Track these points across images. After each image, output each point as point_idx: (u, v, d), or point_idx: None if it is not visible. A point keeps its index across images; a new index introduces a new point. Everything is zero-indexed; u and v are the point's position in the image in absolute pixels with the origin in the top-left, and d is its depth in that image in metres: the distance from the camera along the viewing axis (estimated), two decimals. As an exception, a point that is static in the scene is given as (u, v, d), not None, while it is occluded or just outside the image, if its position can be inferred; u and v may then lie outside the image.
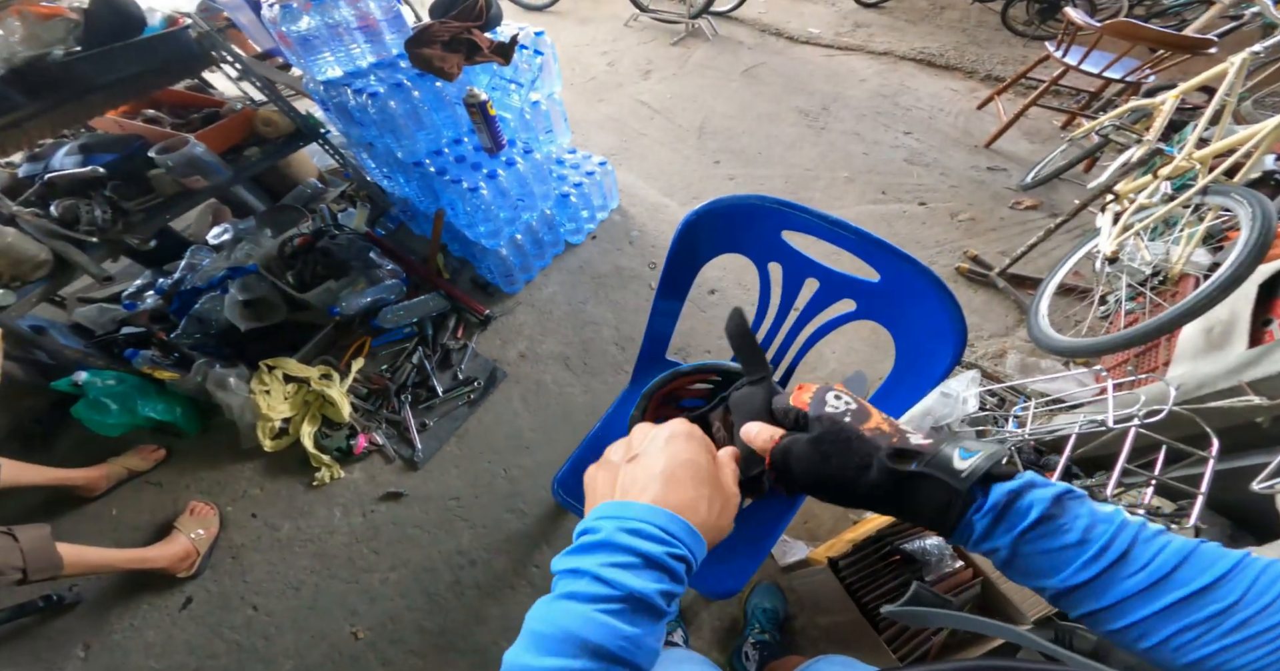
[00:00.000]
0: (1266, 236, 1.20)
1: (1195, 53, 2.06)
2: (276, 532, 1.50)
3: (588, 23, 4.27)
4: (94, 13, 1.38)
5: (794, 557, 1.39)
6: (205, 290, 1.74)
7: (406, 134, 1.63)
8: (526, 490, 1.55)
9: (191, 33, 1.56)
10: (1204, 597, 0.30)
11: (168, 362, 1.60)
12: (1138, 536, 0.32)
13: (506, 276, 1.94)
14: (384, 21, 1.60)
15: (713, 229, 0.92)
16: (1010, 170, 2.67)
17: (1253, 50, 1.56)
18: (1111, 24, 2.12)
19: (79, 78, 1.40)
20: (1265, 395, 1.06)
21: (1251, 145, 1.44)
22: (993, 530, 0.34)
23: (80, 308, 1.80)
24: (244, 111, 1.80)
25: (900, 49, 3.82)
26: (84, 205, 1.46)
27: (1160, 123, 1.70)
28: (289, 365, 1.66)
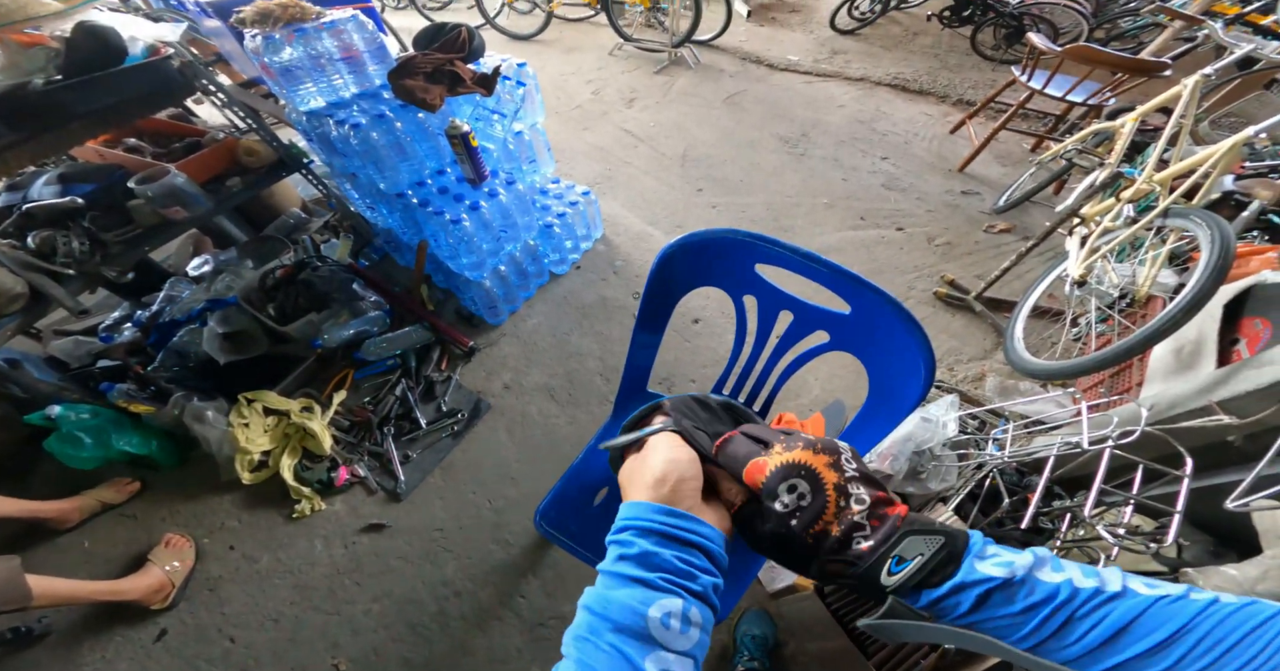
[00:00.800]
0: (1225, 258, 1.24)
1: (1151, 75, 2.13)
2: (255, 564, 1.47)
3: (573, 52, 4.37)
4: (75, 42, 1.38)
5: (782, 583, 1.38)
6: (184, 322, 1.72)
7: (389, 165, 1.64)
8: (512, 521, 1.54)
9: (174, 62, 1.56)
10: (1143, 661, 0.31)
11: (144, 396, 1.57)
12: (1075, 612, 0.34)
13: (491, 308, 1.94)
14: (367, 52, 1.61)
15: (688, 263, 0.93)
16: (983, 194, 2.74)
17: (1204, 72, 1.61)
18: (1071, 48, 2.20)
19: (59, 106, 1.39)
20: (1235, 414, 1.08)
21: (1208, 166, 1.47)
22: (935, 611, 0.38)
23: (56, 340, 1.76)
24: (226, 141, 1.80)
25: (876, 74, 3.95)
26: (61, 236, 1.44)
27: (1121, 146, 1.75)
28: (269, 398, 1.65)
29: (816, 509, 0.41)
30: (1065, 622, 0.34)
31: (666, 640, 0.36)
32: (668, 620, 0.37)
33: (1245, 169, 1.99)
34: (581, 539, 1.00)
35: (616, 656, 0.35)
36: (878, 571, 0.38)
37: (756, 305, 0.96)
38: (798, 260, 0.84)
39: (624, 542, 0.41)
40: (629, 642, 0.35)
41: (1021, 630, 0.35)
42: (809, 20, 5.06)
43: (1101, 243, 1.60)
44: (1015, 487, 1.39)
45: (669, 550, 0.40)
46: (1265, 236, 1.81)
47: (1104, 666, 0.33)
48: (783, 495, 0.42)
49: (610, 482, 1.07)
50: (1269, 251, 1.61)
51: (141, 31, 1.52)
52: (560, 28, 4.85)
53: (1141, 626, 0.33)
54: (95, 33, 1.40)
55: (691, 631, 0.37)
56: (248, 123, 1.78)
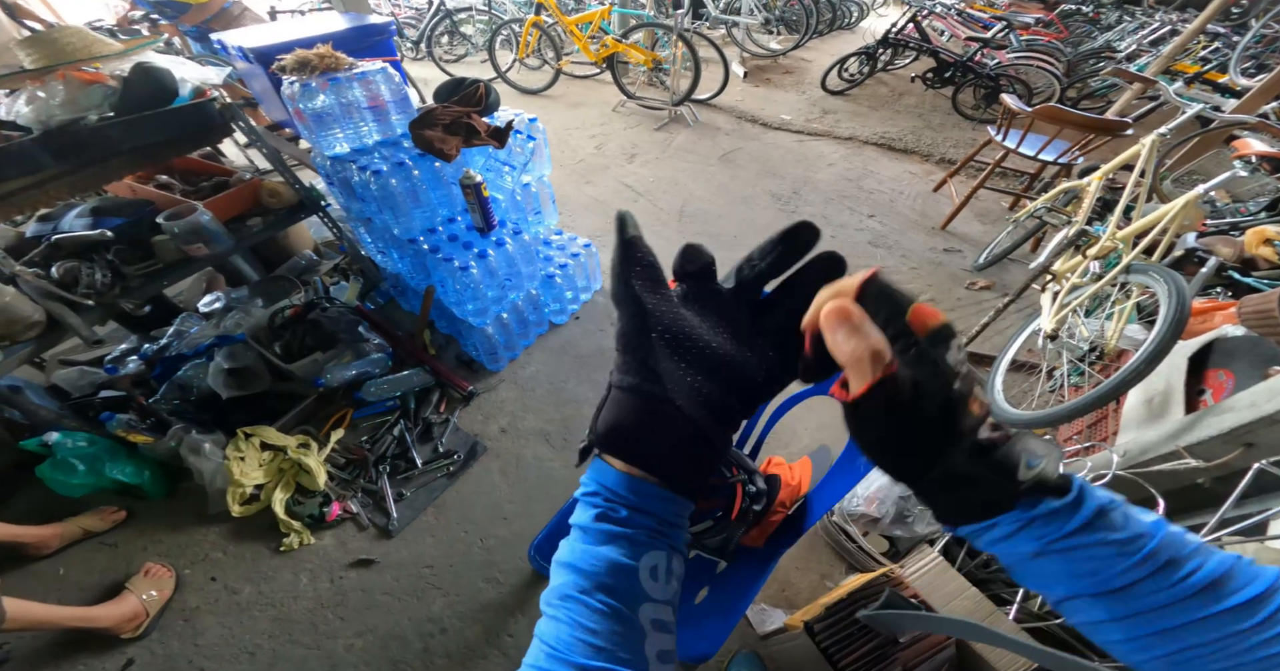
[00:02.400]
0: (1182, 312, 1.31)
1: (1114, 135, 2.26)
2: (236, 596, 1.46)
3: (579, 107, 4.58)
4: (132, 81, 1.45)
5: (772, 625, 1.38)
6: (190, 357, 1.76)
7: (404, 211, 1.71)
8: (503, 560, 1.54)
9: (216, 104, 1.63)
10: (1235, 615, 0.29)
11: (143, 426, 1.59)
12: (1179, 551, 0.31)
13: (491, 354, 1.99)
14: (392, 103, 1.70)
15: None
16: (965, 251, 2.86)
17: (1159, 132, 1.72)
18: (1040, 108, 2.33)
19: (105, 142, 1.45)
20: (1201, 457, 1.14)
21: (1165, 223, 1.56)
22: (1019, 533, 0.32)
23: (61, 370, 1.80)
24: (252, 181, 1.86)
25: (863, 134, 4.17)
26: (85, 268, 1.48)
27: (1088, 204, 1.84)
28: (267, 433, 1.68)
29: (969, 376, 0.33)
30: (1169, 562, 0.31)
31: (653, 591, 0.36)
32: (655, 573, 0.36)
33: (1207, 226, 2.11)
34: (574, 574, 1.02)
35: (612, 614, 0.34)
36: (1015, 462, 0.32)
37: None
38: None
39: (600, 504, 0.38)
40: (622, 597, 0.35)
41: (1125, 562, 0.31)
42: (802, 81, 5.37)
43: (1071, 298, 1.68)
44: None
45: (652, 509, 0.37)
46: (1228, 292, 1.91)
47: (1197, 615, 0.30)
48: (956, 350, 0.31)
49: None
50: (1229, 307, 1.70)
51: (190, 74, 1.61)
52: (567, 84, 5.09)
53: (1237, 578, 0.31)
54: (152, 73, 1.49)
55: (673, 582, 0.38)
56: (272, 164, 1.83)
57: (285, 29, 1.94)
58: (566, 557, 0.37)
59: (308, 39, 1.70)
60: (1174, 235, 1.60)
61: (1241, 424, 1.09)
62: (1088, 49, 5.13)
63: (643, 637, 0.35)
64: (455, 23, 5.39)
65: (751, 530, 1.00)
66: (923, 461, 0.32)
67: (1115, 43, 5.24)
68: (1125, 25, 5.53)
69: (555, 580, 0.37)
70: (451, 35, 5.61)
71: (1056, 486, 0.32)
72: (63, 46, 1.47)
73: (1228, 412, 1.15)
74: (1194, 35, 3.49)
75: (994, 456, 0.31)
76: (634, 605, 0.35)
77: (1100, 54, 4.90)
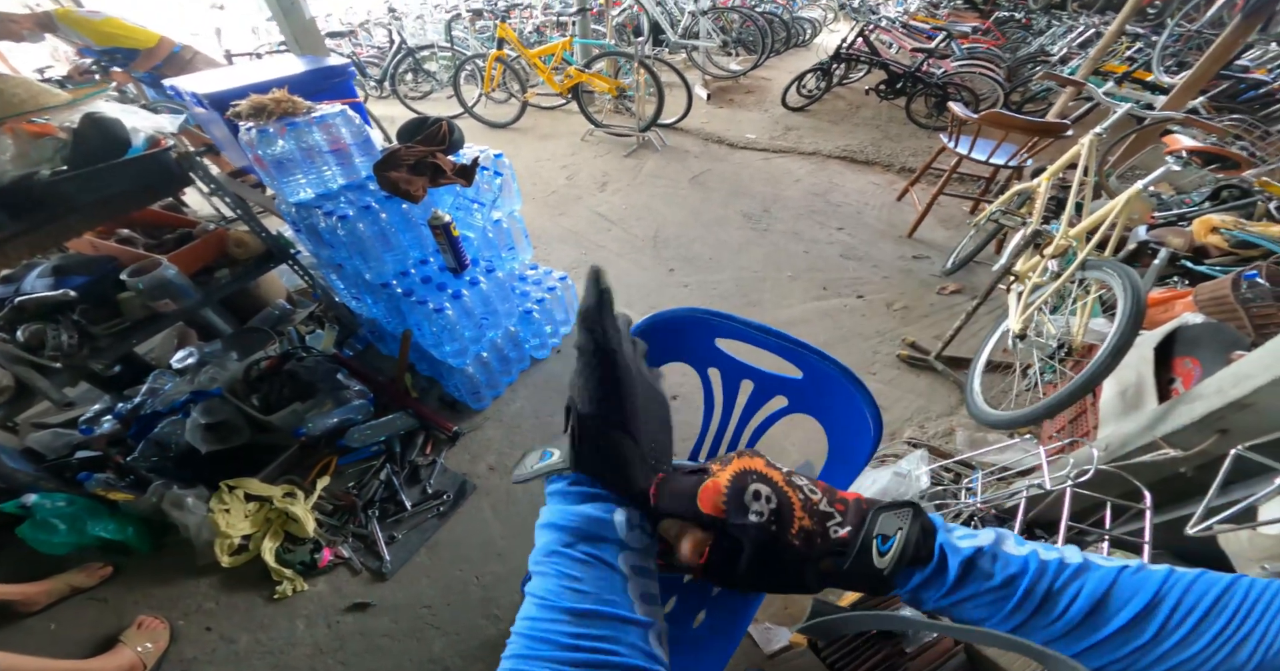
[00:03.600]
0: (1138, 304, 1.35)
1: (1055, 136, 2.34)
2: (233, 646, 1.43)
3: (548, 138, 4.64)
4: (82, 132, 1.42)
5: (778, 644, 1.36)
6: (166, 414, 1.74)
7: (374, 255, 1.69)
8: (501, 596, 1.52)
9: (172, 153, 1.59)
10: (1124, 636, 0.32)
11: (123, 484, 1.58)
12: (1053, 584, 0.34)
13: (474, 394, 1.98)
14: (354, 145, 1.68)
15: (653, 343, 1.01)
16: (933, 257, 2.93)
17: (1095, 132, 1.79)
18: (985, 115, 2.42)
19: (62, 197, 1.41)
20: (1179, 447, 1.15)
21: (1112, 218, 1.61)
22: (918, 596, 0.38)
23: (34, 433, 1.77)
24: (217, 232, 1.82)
25: (826, 148, 4.29)
26: (51, 330, 1.45)
27: (1040, 204, 1.90)
28: (250, 484, 1.65)
29: (786, 507, 0.39)
30: (1045, 597, 0.33)
31: (629, 540, 0.39)
32: (630, 523, 0.40)
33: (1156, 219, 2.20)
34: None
35: (594, 562, 0.37)
36: (869, 557, 0.37)
37: (720, 377, 1.04)
38: (750, 332, 0.92)
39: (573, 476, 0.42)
40: (601, 546, 0.38)
41: (1004, 607, 0.34)
42: (763, 100, 5.52)
43: (1034, 297, 1.73)
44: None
45: None
46: (1185, 280, 1.98)
47: (1088, 643, 0.32)
48: (752, 504, 0.38)
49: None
50: (1188, 295, 1.76)
51: (143, 123, 1.57)
52: (535, 115, 5.15)
53: (1116, 598, 0.33)
54: (102, 124, 1.46)
55: (645, 534, 0.41)
56: (236, 212, 1.81)
57: (240, 73, 1.90)
58: (547, 518, 0.41)
59: (263, 83, 1.66)
60: (1123, 229, 1.65)
61: (1212, 410, 1.10)
62: (1024, 54, 5.38)
63: (625, 581, 0.38)
64: (418, 60, 5.45)
65: (744, 553, 1.00)
66: (792, 584, 0.39)
67: (1048, 47, 5.48)
68: (1055, 29, 5.79)
69: (539, 540, 0.41)
70: (415, 72, 5.68)
71: (915, 558, 0.37)
72: (8, 98, 1.43)
73: (1197, 400, 1.16)
74: (1114, 37, 3.65)
75: (852, 553, 0.38)
76: (613, 553, 0.38)
77: (1035, 58, 5.14)
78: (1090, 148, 1.77)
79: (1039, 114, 4.33)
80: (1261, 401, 1.03)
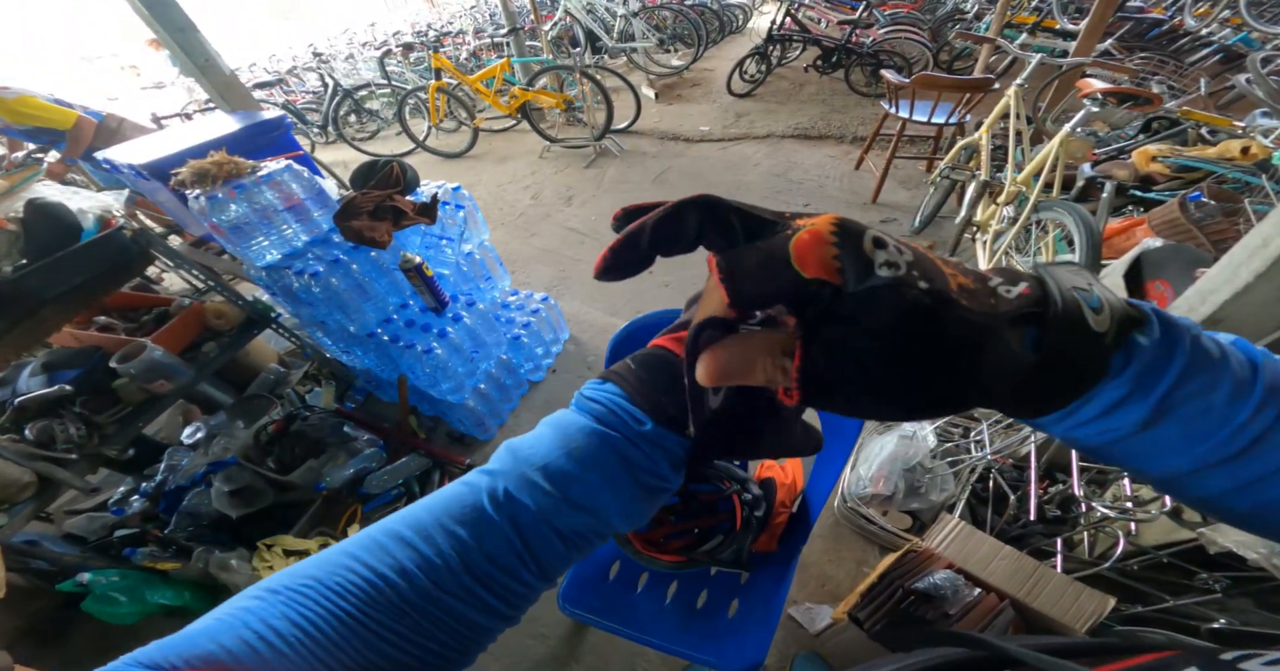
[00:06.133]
0: (1093, 237, 1.42)
1: (984, 91, 2.40)
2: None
3: (506, 160, 4.63)
4: (30, 221, 1.41)
5: (823, 622, 1.39)
6: (189, 487, 1.77)
7: (354, 307, 1.69)
8: (544, 613, 1.53)
9: (125, 232, 1.57)
10: None
11: (167, 555, 1.61)
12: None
13: (479, 425, 2.01)
14: (308, 199, 1.63)
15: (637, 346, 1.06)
16: (899, 218, 2.99)
17: (1017, 83, 1.85)
18: (916, 78, 2.49)
19: (28, 293, 1.42)
20: None
21: (1051, 160, 1.67)
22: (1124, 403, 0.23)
23: (70, 519, 1.81)
24: (194, 307, 1.82)
25: (779, 129, 4.33)
26: (57, 424, 1.48)
27: (985, 156, 1.96)
28: (286, 541, 1.69)
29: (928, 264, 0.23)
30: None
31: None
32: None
33: (1098, 155, 2.27)
34: (608, 612, 1.05)
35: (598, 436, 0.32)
36: (1081, 316, 0.22)
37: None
38: (728, 327, 0.97)
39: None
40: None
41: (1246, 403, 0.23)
42: (710, 91, 5.55)
43: (999, 244, 1.79)
44: (1017, 482, 1.43)
45: None
46: (1141, 209, 2.05)
47: None
48: (878, 255, 0.22)
49: (620, 556, 1.13)
50: (1144, 222, 1.83)
51: (88, 204, 1.55)
52: (489, 140, 5.12)
53: None
54: (47, 210, 1.45)
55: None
56: (207, 283, 1.79)
57: (173, 138, 1.80)
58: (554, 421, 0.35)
59: (200, 146, 1.61)
60: (1066, 169, 1.72)
61: None
62: (942, 14, 5.44)
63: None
64: (357, 101, 5.35)
65: (760, 536, 1.04)
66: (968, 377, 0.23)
67: (961, 4, 5.56)
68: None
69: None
70: (358, 113, 5.57)
71: (1134, 319, 0.23)
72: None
73: None
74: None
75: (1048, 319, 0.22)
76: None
77: (953, 17, 5.21)
78: (1016, 98, 1.84)
79: (969, 70, 4.41)
80: (1231, 315, 1.07)
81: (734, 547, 0.97)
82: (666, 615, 1.05)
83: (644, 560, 0.98)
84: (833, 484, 1.03)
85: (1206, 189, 1.68)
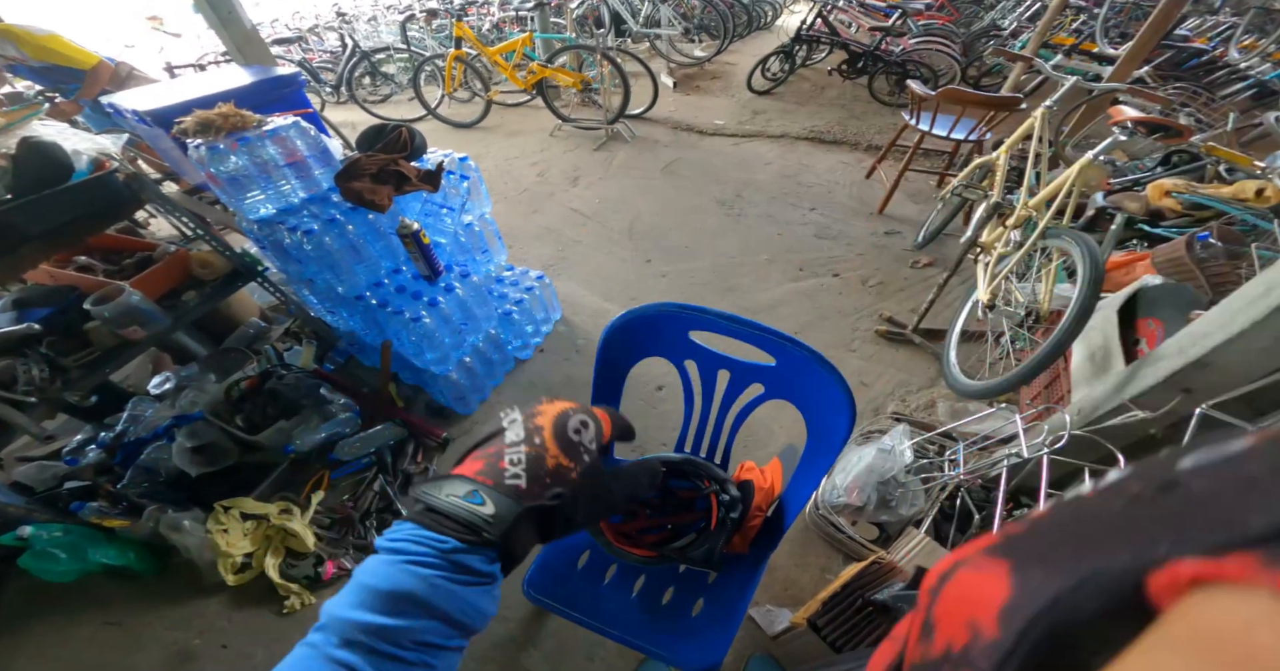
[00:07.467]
0: (1097, 270, 1.40)
1: (1010, 110, 2.39)
2: (251, 661, 1.45)
3: (516, 135, 4.58)
4: (21, 158, 1.38)
5: (781, 625, 1.39)
6: (150, 440, 1.71)
7: (345, 268, 1.66)
8: (506, 594, 1.49)
9: (119, 176, 1.54)
10: None
11: (116, 511, 1.56)
12: None
13: (460, 399, 1.97)
14: (311, 157, 1.62)
15: (629, 339, 1.03)
16: (904, 232, 2.98)
17: (1046, 104, 1.83)
18: (942, 92, 2.45)
19: (10, 229, 1.38)
20: (1147, 408, 1.18)
21: (1068, 187, 1.65)
22: None
23: (19, 467, 1.74)
24: (179, 253, 1.77)
25: (794, 130, 4.31)
26: (20, 364, 1.42)
27: (1000, 176, 1.93)
28: (245, 504, 1.65)
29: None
30: None
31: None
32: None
33: (1112, 185, 2.26)
34: (572, 602, 1.04)
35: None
36: None
37: (697, 368, 1.05)
38: (721, 323, 0.94)
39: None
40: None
41: None
42: (729, 85, 5.51)
43: (1000, 267, 1.77)
44: (983, 503, 1.45)
45: None
46: (1145, 243, 2.04)
47: None
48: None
49: (591, 546, 1.11)
50: (1147, 257, 1.82)
51: (83, 145, 1.52)
52: (501, 113, 5.07)
53: None
54: (40, 149, 1.41)
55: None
56: (196, 232, 1.77)
57: (183, 87, 1.81)
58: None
59: (208, 97, 1.58)
60: (1079, 197, 1.69)
61: (1175, 371, 1.14)
62: (978, 29, 5.42)
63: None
64: (374, 64, 5.30)
65: (733, 537, 1.02)
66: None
67: (999, 21, 5.51)
68: (1005, 3, 5.82)
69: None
70: (373, 76, 5.53)
71: None
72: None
73: (1160, 361, 1.20)
74: (1058, 10, 3.67)
75: None
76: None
77: (988, 33, 5.18)
78: (1043, 120, 1.81)
79: (996, 87, 4.38)
80: (1220, 359, 1.06)
81: (706, 547, 0.95)
82: (631, 609, 1.03)
83: (615, 552, 0.96)
84: (811, 492, 1.01)
85: (1216, 229, 1.67)
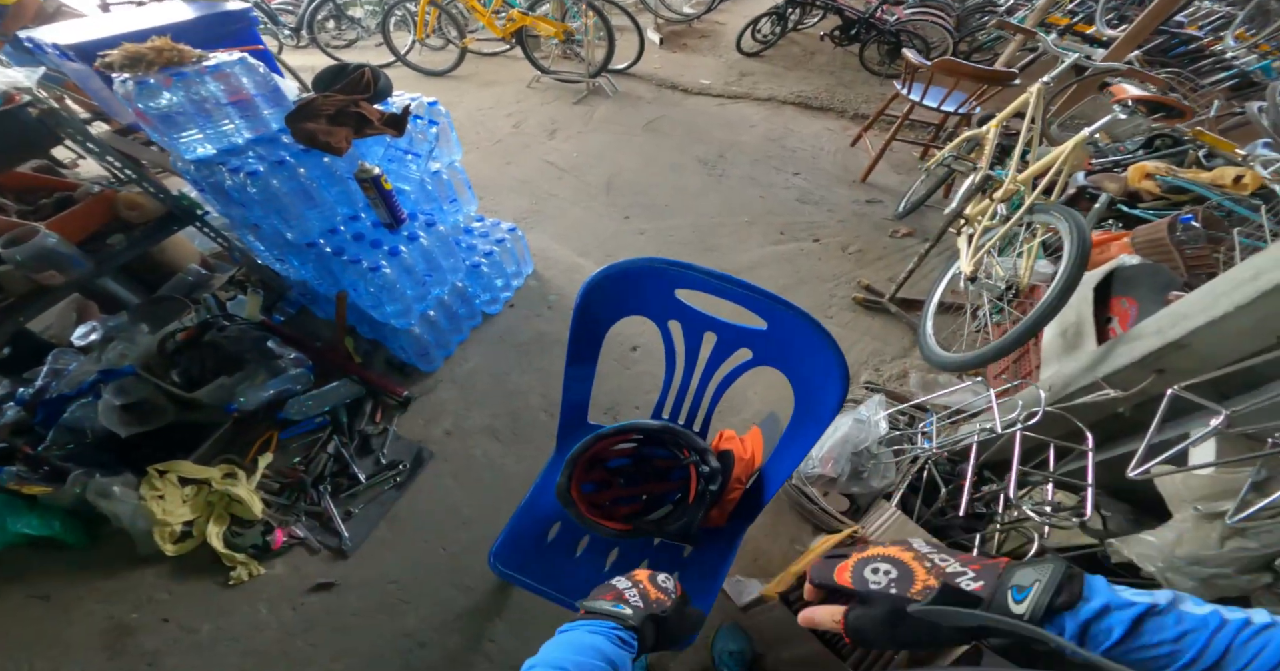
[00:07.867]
0: (1084, 246, 1.39)
1: (1004, 84, 2.37)
2: (195, 634, 1.37)
3: (491, 86, 4.35)
4: None
5: (750, 596, 1.39)
6: (74, 397, 1.58)
7: (295, 213, 1.55)
8: (471, 564, 1.49)
9: (31, 111, 1.42)
10: None
11: (37, 476, 1.43)
12: (1234, 641, 0.33)
13: (423, 355, 1.88)
14: (259, 96, 1.50)
15: (610, 295, 0.95)
16: (885, 201, 2.97)
17: (1044, 81, 1.79)
18: (937, 62, 2.42)
19: None
20: (1119, 387, 1.18)
21: (1059, 164, 1.64)
22: (1085, 645, 0.36)
23: None
24: (103, 194, 1.65)
25: (781, 94, 4.21)
26: None
27: (989, 150, 1.91)
28: (183, 467, 1.53)
29: (906, 573, 0.45)
30: (1228, 649, 0.33)
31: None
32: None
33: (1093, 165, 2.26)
34: (540, 575, 0.99)
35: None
36: (1004, 604, 0.38)
37: (681, 330, 0.99)
38: (713, 282, 0.87)
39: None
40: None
41: (1183, 658, 0.33)
42: (718, 45, 5.31)
43: (984, 240, 1.76)
44: (950, 476, 1.46)
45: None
46: (1120, 223, 2.06)
47: None
48: (869, 575, 0.46)
49: (562, 517, 1.06)
50: (1124, 237, 1.82)
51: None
52: (476, 62, 4.80)
53: None
54: None
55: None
56: (127, 174, 1.65)
57: (114, 22, 1.69)
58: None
59: (142, 31, 1.46)
60: (1067, 175, 1.68)
61: (1151, 351, 1.13)
62: (973, 3, 5.33)
63: None
64: (340, 6, 4.87)
65: (711, 510, 0.99)
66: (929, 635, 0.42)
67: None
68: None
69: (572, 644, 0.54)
70: (338, 19, 5.09)
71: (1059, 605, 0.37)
72: None
73: (1137, 340, 1.19)
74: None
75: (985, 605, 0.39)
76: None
77: (984, 8, 5.12)
78: (1038, 96, 1.78)
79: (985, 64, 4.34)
80: (1197, 342, 1.07)
81: (684, 520, 0.91)
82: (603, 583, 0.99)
83: (587, 525, 0.91)
84: (794, 466, 0.98)
85: (1200, 213, 1.68)
